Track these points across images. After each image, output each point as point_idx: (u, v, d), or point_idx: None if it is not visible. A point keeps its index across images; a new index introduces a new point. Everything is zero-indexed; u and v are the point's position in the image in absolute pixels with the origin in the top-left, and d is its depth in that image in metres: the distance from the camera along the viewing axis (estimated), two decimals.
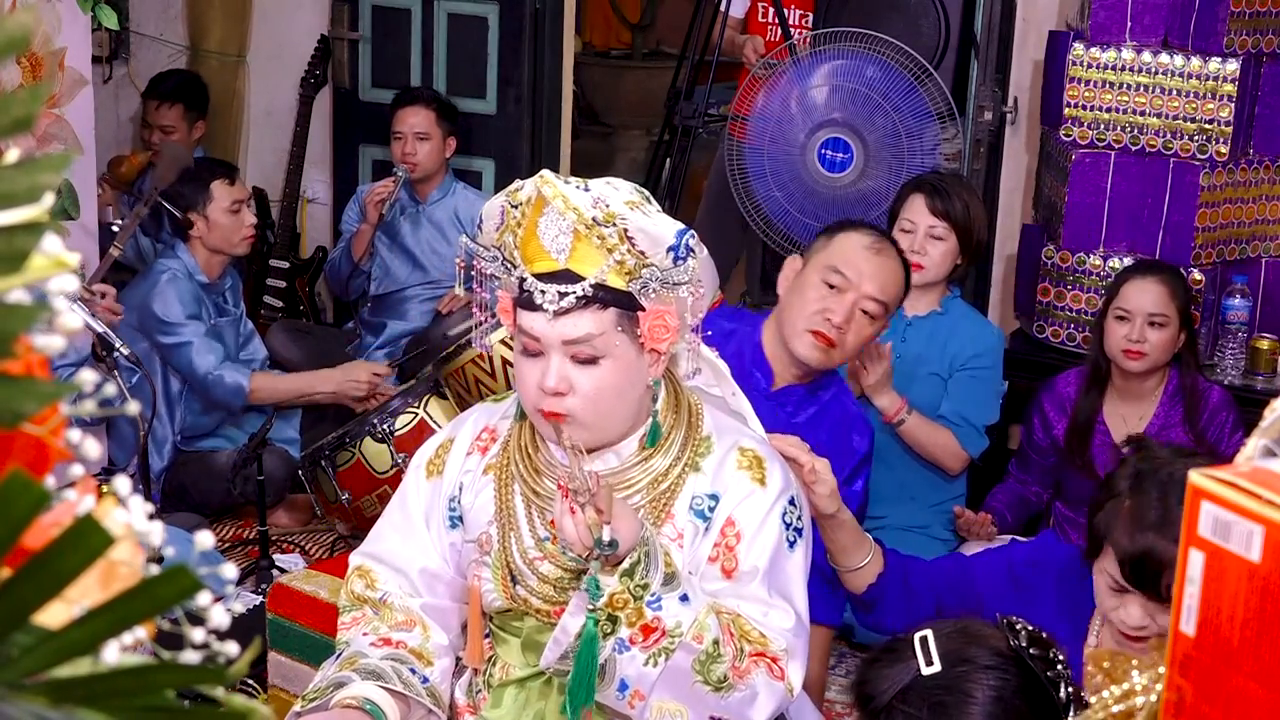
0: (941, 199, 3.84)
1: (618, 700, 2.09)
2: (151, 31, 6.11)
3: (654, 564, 2.05)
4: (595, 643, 2.04)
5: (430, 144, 5.17)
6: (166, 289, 4.44)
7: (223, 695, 0.76)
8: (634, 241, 2.06)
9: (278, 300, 5.69)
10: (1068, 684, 1.80)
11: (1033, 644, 1.82)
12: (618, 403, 2.13)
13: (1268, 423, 1.01)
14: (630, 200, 2.08)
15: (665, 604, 2.05)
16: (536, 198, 2.08)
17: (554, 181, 2.07)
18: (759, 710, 2.13)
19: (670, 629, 2.05)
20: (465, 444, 2.35)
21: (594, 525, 1.97)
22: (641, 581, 2.03)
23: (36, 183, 0.76)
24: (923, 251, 3.81)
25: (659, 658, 2.05)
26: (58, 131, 3.73)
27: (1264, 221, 4.49)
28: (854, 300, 2.94)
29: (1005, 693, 1.80)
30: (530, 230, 2.09)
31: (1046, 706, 1.80)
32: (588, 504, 1.98)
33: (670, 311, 2.11)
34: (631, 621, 2.04)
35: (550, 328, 2.09)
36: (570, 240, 2.06)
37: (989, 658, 1.82)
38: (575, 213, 2.05)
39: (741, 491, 2.21)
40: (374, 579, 2.36)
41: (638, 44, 8.93)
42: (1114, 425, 3.84)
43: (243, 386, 4.45)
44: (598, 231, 2.05)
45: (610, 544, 1.97)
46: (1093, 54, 4.38)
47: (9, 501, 0.71)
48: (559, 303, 2.07)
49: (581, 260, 2.07)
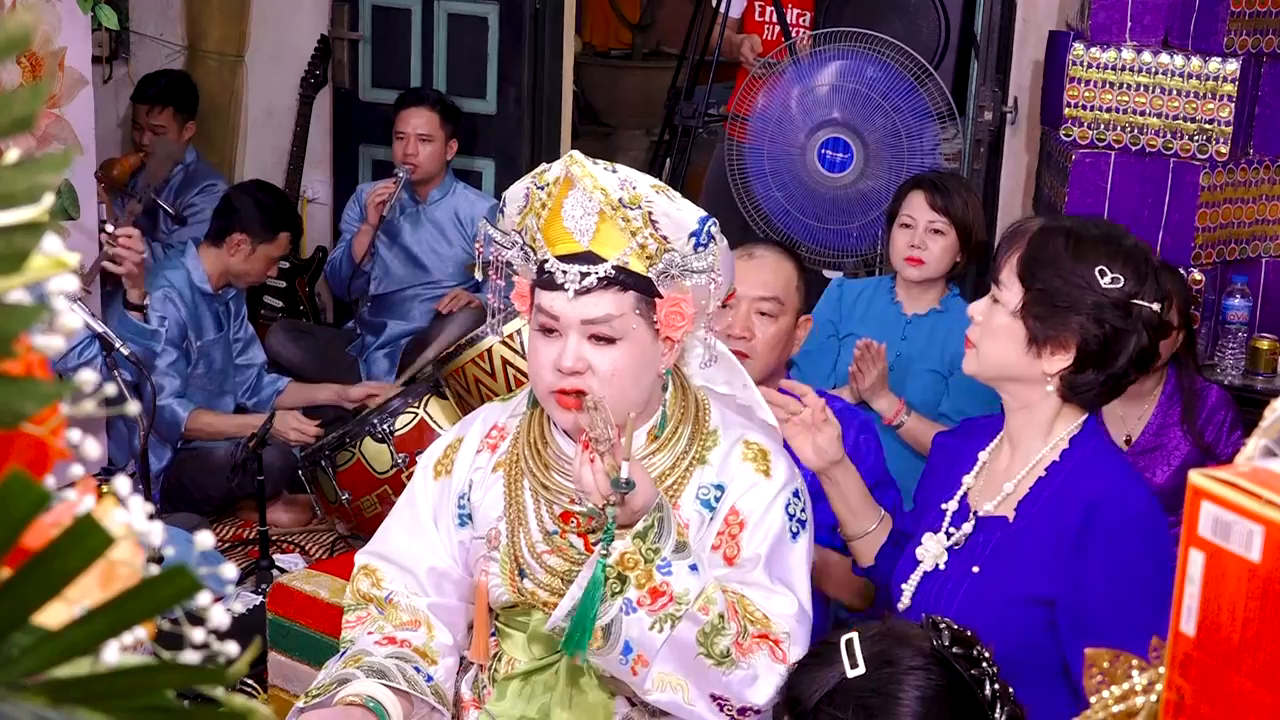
0: (941, 195, 3.84)
1: (621, 665, 2.09)
2: (151, 32, 6.11)
3: (667, 530, 2.07)
4: (599, 588, 2.05)
5: (432, 146, 5.17)
6: (158, 308, 4.44)
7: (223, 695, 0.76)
8: (658, 225, 2.09)
9: (277, 300, 5.69)
10: (993, 681, 1.82)
11: (956, 643, 1.84)
12: (632, 386, 2.15)
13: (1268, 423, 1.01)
14: (655, 185, 2.12)
15: (675, 569, 2.06)
16: (565, 178, 2.11)
17: (583, 162, 2.10)
18: (758, 692, 2.13)
19: (678, 594, 2.06)
20: (475, 442, 2.37)
21: (611, 469, 1.99)
22: (653, 545, 2.05)
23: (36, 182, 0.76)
24: (923, 246, 3.81)
25: (664, 624, 2.06)
26: (58, 131, 3.73)
27: (1264, 221, 4.49)
28: (746, 308, 2.97)
29: (931, 693, 1.81)
30: (555, 211, 2.11)
31: (972, 705, 1.82)
32: (607, 452, 1.99)
33: (687, 300, 2.14)
34: (640, 583, 2.05)
35: (570, 307, 2.11)
36: (595, 221, 2.09)
37: (914, 658, 1.84)
38: (602, 193, 2.08)
39: (746, 482, 2.23)
40: (380, 578, 2.36)
41: (638, 44, 8.94)
42: (1112, 425, 3.83)
43: (179, 420, 4.49)
44: (623, 213, 2.08)
45: (628, 483, 1.99)
46: (1093, 54, 4.38)
47: (9, 501, 0.71)
48: (580, 283, 2.09)
49: (604, 242, 2.10)
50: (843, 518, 2.56)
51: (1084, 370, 2.24)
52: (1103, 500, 2.25)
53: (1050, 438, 2.32)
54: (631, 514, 2.04)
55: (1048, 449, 2.33)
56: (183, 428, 4.49)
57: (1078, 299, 2.20)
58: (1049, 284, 2.22)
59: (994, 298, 2.30)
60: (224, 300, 4.68)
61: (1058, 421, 2.32)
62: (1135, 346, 2.22)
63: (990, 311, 2.30)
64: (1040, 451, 2.33)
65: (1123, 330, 2.21)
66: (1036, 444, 2.34)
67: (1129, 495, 2.25)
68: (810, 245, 4.86)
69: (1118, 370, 2.24)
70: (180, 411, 4.48)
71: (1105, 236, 2.26)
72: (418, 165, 5.15)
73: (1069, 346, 2.23)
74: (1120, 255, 2.22)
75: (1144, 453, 3.81)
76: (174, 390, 4.47)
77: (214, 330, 4.63)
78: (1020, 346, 2.26)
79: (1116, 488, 2.26)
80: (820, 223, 4.85)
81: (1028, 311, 2.24)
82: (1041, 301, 2.23)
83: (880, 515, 2.56)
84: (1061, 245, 2.23)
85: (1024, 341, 2.26)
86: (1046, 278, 2.22)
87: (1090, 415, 2.34)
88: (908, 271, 3.82)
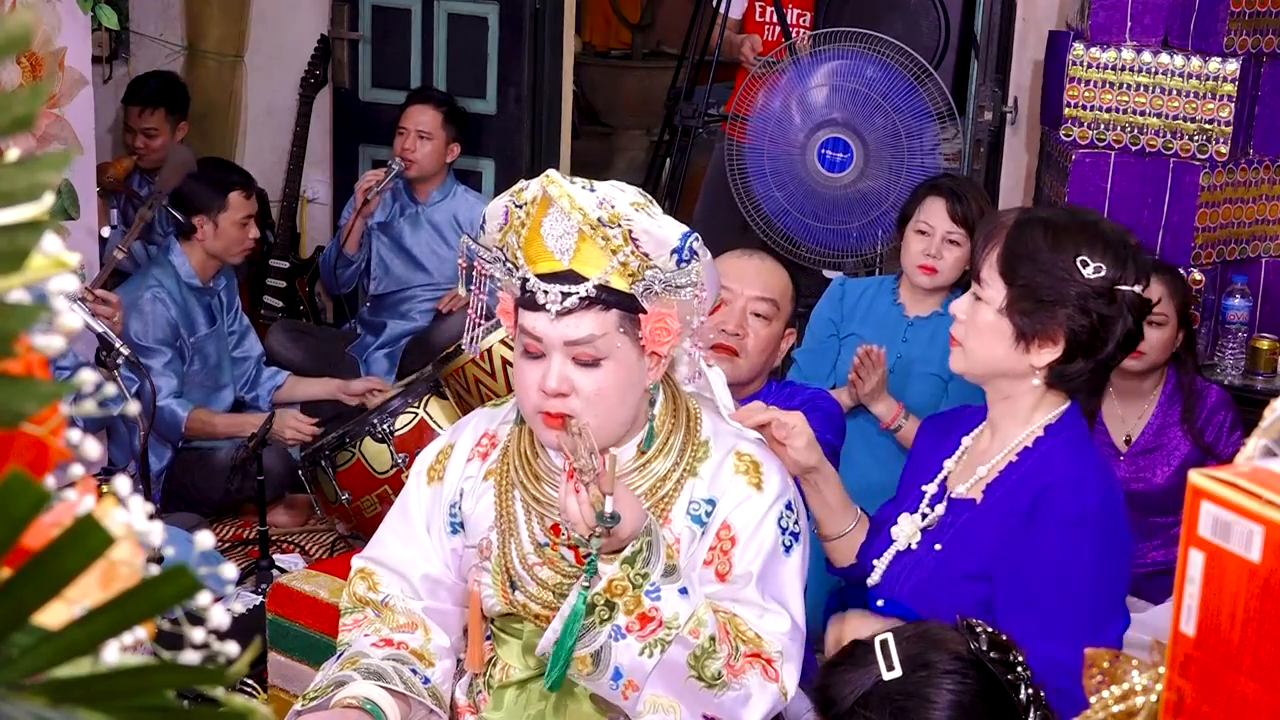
0: (961, 204, 3.81)
1: (611, 690, 2.08)
2: (151, 32, 6.11)
3: (656, 554, 2.05)
4: (579, 619, 2.04)
5: (431, 144, 5.16)
6: (146, 308, 4.44)
7: (222, 695, 0.76)
8: (638, 243, 2.07)
9: (277, 300, 5.68)
10: (1028, 685, 1.81)
11: (993, 647, 1.83)
12: (618, 405, 2.13)
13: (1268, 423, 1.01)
14: (635, 202, 2.08)
15: (664, 594, 2.05)
16: (542, 197, 2.08)
17: (560, 181, 2.07)
18: (752, 711, 2.13)
19: (667, 620, 2.05)
20: (466, 450, 2.35)
21: (596, 501, 1.98)
22: (641, 570, 2.04)
23: (36, 182, 0.76)
24: (938, 255, 3.78)
25: (654, 649, 2.05)
26: (57, 131, 3.73)
27: (1264, 221, 4.49)
28: (743, 305, 2.98)
29: (966, 697, 1.81)
30: (534, 230, 2.09)
31: (1007, 709, 1.81)
32: (592, 483, 1.98)
33: (672, 314, 2.12)
34: (629, 609, 2.04)
35: (552, 328, 2.08)
36: (574, 241, 2.06)
37: (949, 662, 1.83)
38: (580, 213, 2.05)
39: (738, 496, 2.21)
40: (376, 581, 2.36)
41: (638, 44, 8.94)
42: (1112, 425, 3.84)
43: (179, 421, 4.47)
44: (602, 232, 2.05)
45: (612, 516, 1.98)
46: (1093, 54, 4.38)
47: (9, 501, 0.71)
48: (562, 303, 2.07)
49: (585, 261, 2.07)
50: (821, 518, 2.56)
51: (1074, 360, 2.26)
52: (1056, 486, 2.27)
53: (1029, 425, 2.34)
54: (619, 542, 2.03)
55: (1024, 435, 2.35)
56: (182, 428, 4.49)
57: (1062, 292, 2.22)
58: (1032, 279, 2.24)
59: (976, 295, 2.32)
60: (215, 293, 4.67)
61: (1037, 410, 2.34)
62: (1122, 330, 2.25)
63: (974, 310, 2.32)
64: (1018, 437, 2.35)
65: (1109, 317, 2.24)
66: (1015, 430, 2.36)
67: (1083, 484, 2.27)
68: (810, 245, 4.86)
69: (1106, 356, 2.27)
70: (179, 411, 4.47)
71: (1081, 225, 2.28)
72: (414, 162, 5.13)
73: (1057, 339, 2.25)
74: (1100, 242, 2.25)
75: (1144, 453, 3.81)
76: (171, 390, 4.46)
77: (206, 325, 4.62)
78: (1008, 343, 2.28)
79: (1073, 476, 2.28)
80: (820, 223, 4.85)
81: (1013, 308, 2.25)
82: (1026, 297, 2.24)
83: (857, 515, 2.56)
84: (1040, 238, 2.25)
85: (1011, 338, 2.27)
86: (1029, 273, 2.24)
87: (1072, 405, 2.36)
88: (919, 279, 3.78)
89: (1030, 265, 2.24)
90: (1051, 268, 2.22)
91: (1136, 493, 3.81)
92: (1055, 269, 2.22)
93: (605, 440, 2.16)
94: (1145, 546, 3.82)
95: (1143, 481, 3.80)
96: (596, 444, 2.04)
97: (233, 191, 4.58)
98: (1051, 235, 2.25)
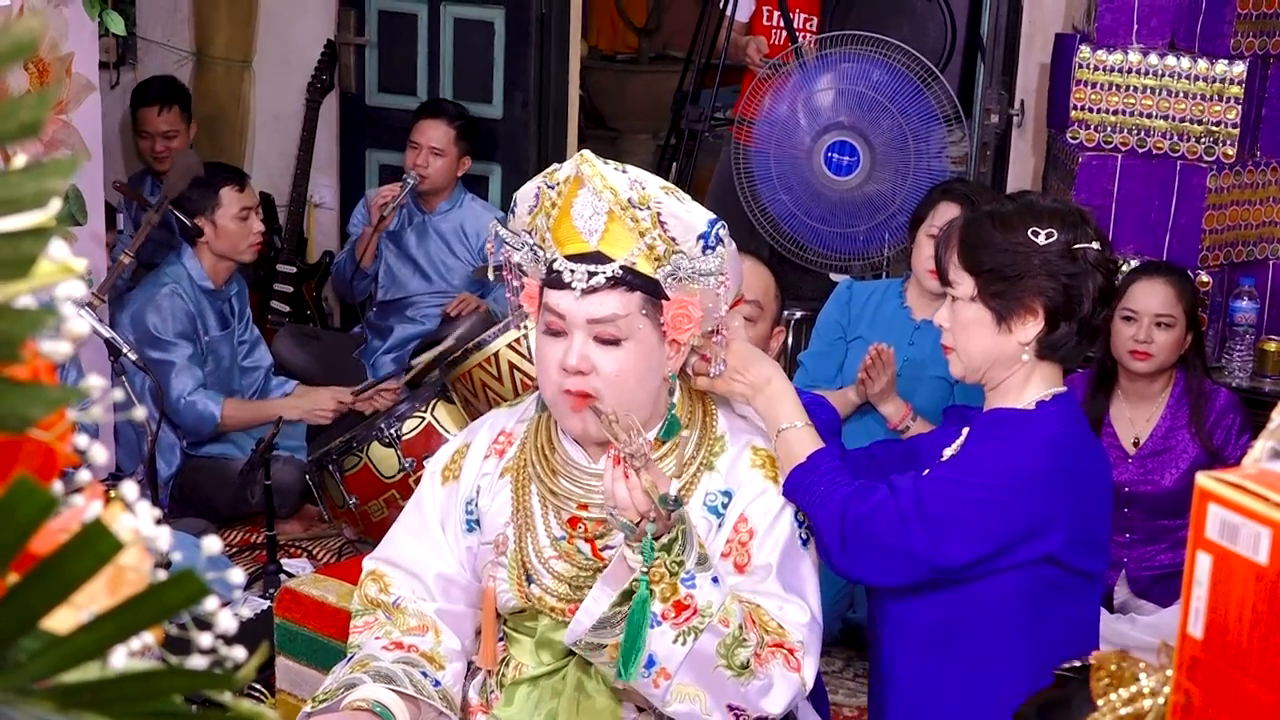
0: (974, 209, 3.81)
1: (643, 678, 2.09)
2: (158, 37, 6.12)
3: (690, 542, 2.06)
4: (647, 604, 2.04)
5: (444, 160, 5.17)
6: (164, 303, 4.45)
7: (230, 700, 0.76)
8: (666, 226, 2.09)
9: (284, 305, 5.69)
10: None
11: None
12: (637, 388, 2.15)
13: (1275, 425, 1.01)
14: (665, 186, 2.12)
15: (699, 582, 2.06)
16: (574, 176, 2.11)
17: (593, 161, 2.11)
18: (774, 701, 2.14)
19: (701, 608, 2.06)
20: (482, 448, 2.37)
21: (652, 487, 1.99)
22: (677, 558, 2.04)
23: (43, 188, 0.76)
24: None
25: (687, 636, 2.06)
26: (65, 137, 3.74)
27: (1271, 223, 4.48)
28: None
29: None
30: (565, 210, 2.12)
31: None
32: (643, 467, 1.99)
33: (694, 303, 2.14)
34: (665, 597, 2.05)
35: (576, 306, 2.11)
36: (604, 221, 2.10)
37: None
38: (612, 192, 2.08)
39: (755, 489, 2.23)
40: (387, 583, 2.37)
41: (644, 48, 8.94)
42: (1120, 428, 3.84)
43: (214, 414, 4.46)
44: (632, 213, 2.08)
45: (676, 500, 1.99)
46: (1099, 56, 4.37)
47: (16, 507, 0.71)
48: (588, 282, 2.10)
49: (613, 243, 2.10)
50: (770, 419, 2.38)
51: (1057, 326, 2.31)
52: (1006, 419, 2.32)
53: (1020, 401, 2.37)
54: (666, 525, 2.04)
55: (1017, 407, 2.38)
56: (218, 419, 4.46)
57: (1025, 265, 2.30)
58: (994, 261, 2.31)
59: (952, 298, 2.39)
60: (226, 297, 4.67)
61: (1029, 386, 2.37)
62: (1094, 287, 2.31)
63: (953, 311, 2.39)
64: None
65: (1076, 274, 2.30)
66: (1008, 404, 2.39)
67: (1034, 438, 2.29)
68: (817, 249, 4.86)
69: (1087, 315, 2.32)
70: (212, 405, 4.45)
71: (1023, 205, 2.38)
72: (426, 176, 5.15)
73: (1035, 310, 2.31)
74: (1044, 213, 2.34)
75: (1152, 455, 3.80)
76: (198, 383, 4.45)
77: (218, 327, 4.62)
78: (991, 329, 2.34)
79: (1027, 432, 2.30)
80: (827, 226, 4.85)
81: (985, 293, 2.32)
82: (995, 280, 2.31)
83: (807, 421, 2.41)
84: (989, 226, 2.34)
85: (993, 323, 2.33)
86: (989, 257, 2.32)
87: (1069, 392, 2.40)
88: (929, 283, 3.78)
89: (989, 250, 2.32)
90: (1008, 246, 2.31)
91: (1144, 495, 3.80)
92: (1012, 246, 2.31)
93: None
94: (1153, 549, 3.82)
95: (1151, 484, 3.80)
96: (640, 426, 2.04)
97: (224, 187, 4.57)
98: (999, 221, 2.34)
